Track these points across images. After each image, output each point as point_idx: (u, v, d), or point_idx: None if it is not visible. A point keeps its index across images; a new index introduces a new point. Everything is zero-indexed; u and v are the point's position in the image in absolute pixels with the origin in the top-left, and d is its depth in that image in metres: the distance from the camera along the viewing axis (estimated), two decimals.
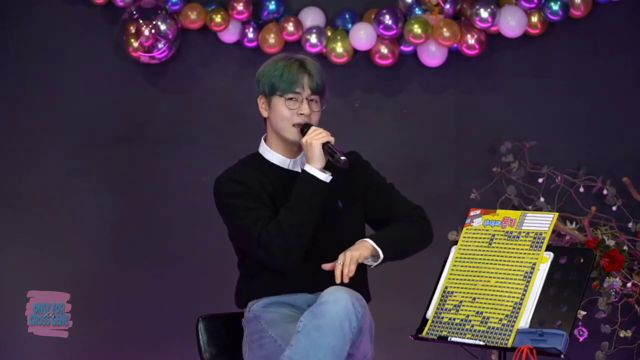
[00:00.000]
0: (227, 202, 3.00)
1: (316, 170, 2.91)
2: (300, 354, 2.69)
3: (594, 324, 4.06)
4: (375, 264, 2.96)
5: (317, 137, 2.91)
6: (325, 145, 2.91)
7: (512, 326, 2.67)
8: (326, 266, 2.88)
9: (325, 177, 2.91)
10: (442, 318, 2.80)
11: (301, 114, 2.98)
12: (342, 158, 2.87)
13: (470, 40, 4.39)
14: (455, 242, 2.93)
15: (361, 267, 3.01)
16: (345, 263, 2.84)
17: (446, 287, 2.85)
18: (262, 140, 3.12)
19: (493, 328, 2.70)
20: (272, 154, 3.07)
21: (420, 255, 3.33)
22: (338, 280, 2.83)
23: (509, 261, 2.80)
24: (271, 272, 2.99)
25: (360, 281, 3.03)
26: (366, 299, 3.02)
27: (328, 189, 2.93)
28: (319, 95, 3.01)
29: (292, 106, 2.99)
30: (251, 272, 3.06)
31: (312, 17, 4.49)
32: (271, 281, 3.00)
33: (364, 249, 2.90)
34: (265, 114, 3.08)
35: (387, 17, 4.37)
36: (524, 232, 2.82)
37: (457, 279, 2.85)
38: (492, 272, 2.80)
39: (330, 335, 2.69)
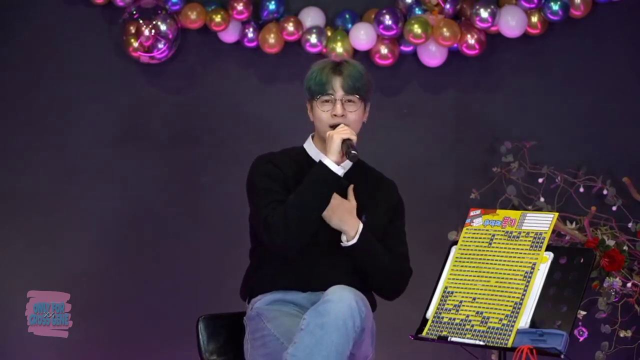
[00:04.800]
0: (256, 180, 3.05)
1: (330, 161, 2.94)
2: (303, 351, 2.70)
3: (594, 324, 4.06)
4: (347, 244, 3.00)
5: (338, 132, 2.96)
6: (345, 141, 2.94)
7: (512, 326, 2.67)
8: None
9: (337, 169, 2.94)
10: (442, 318, 2.80)
11: (334, 115, 3.02)
12: (353, 152, 2.92)
13: (470, 40, 4.39)
14: (455, 242, 2.93)
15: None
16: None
17: (446, 287, 2.85)
18: (310, 137, 3.16)
19: (493, 328, 2.70)
20: (316, 152, 3.11)
21: (420, 255, 3.33)
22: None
23: (509, 261, 2.80)
24: (279, 266, 3.02)
25: (365, 284, 3.05)
26: (373, 306, 3.06)
27: (339, 183, 2.96)
28: (356, 95, 3.03)
29: (326, 108, 3.04)
30: (260, 262, 3.09)
31: (312, 17, 4.49)
32: (278, 275, 3.03)
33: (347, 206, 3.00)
34: (311, 117, 3.13)
35: (387, 17, 4.37)
36: (524, 232, 2.82)
37: (457, 279, 2.85)
38: (492, 272, 2.80)
39: (334, 334, 2.70)
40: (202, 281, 4.51)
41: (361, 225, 3.02)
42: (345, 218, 3.01)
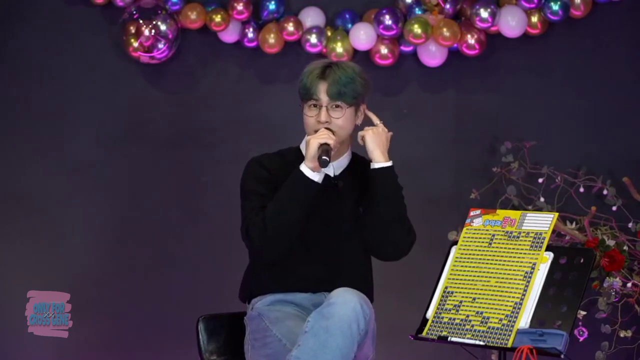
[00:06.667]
0: (245, 182, 3.06)
1: (307, 168, 2.93)
2: (308, 354, 2.69)
3: (594, 324, 4.06)
4: (386, 164, 3.02)
5: (316, 137, 2.94)
6: (322, 146, 2.92)
7: (512, 326, 2.67)
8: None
9: (313, 175, 2.93)
10: (442, 318, 2.80)
11: (318, 121, 3.00)
12: (324, 158, 2.89)
13: (470, 40, 4.39)
14: (455, 242, 2.94)
15: (367, 271, 3.07)
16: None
17: (446, 287, 2.85)
18: (306, 137, 3.13)
19: (493, 328, 2.70)
20: None
21: (420, 255, 3.33)
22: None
23: (509, 261, 2.80)
24: (278, 268, 3.01)
25: (365, 285, 3.04)
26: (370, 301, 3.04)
27: (319, 189, 2.95)
28: (341, 101, 3.00)
29: (312, 113, 3.03)
30: (259, 262, 3.07)
31: (312, 17, 4.49)
32: (276, 277, 3.02)
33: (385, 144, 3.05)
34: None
35: (387, 17, 4.37)
36: (524, 232, 2.82)
37: (457, 279, 2.85)
38: (492, 272, 2.80)
39: (339, 337, 2.69)
40: (202, 281, 4.51)
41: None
42: (384, 144, 3.04)
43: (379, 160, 3.00)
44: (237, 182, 3.11)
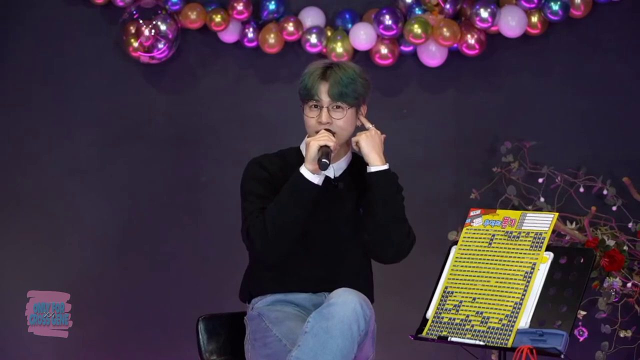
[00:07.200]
0: (245, 183, 3.05)
1: (306, 170, 2.92)
2: (308, 355, 2.69)
3: (594, 324, 4.06)
4: (382, 167, 2.99)
5: (316, 139, 2.93)
6: (322, 148, 2.91)
7: (512, 326, 2.68)
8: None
9: (313, 177, 2.92)
10: (442, 318, 2.80)
11: (319, 122, 2.99)
12: (323, 160, 2.88)
13: (470, 40, 4.40)
14: (455, 242, 2.94)
15: (367, 271, 3.08)
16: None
17: (446, 287, 2.85)
18: (306, 138, 3.11)
19: (493, 328, 2.70)
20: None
21: (420, 255, 3.33)
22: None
23: (509, 261, 2.80)
24: (278, 269, 3.01)
25: (365, 285, 3.04)
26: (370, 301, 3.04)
27: (318, 192, 2.94)
28: (343, 101, 2.99)
29: (313, 114, 3.01)
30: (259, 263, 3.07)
31: (312, 17, 4.49)
32: (277, 277, 3.02)
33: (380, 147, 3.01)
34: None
35: (387, 17, 4.37)
36: (524, 232, 2.82)
37: (457, 279, 2.85)
38: (492, 272, 2.80)
39: (339, 338, 2.69)
40: (202, 281, 4.51)
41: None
42: (379, 147, 3.01)
43: (376, 164, 3.00)
44: (236, 182, 3.11)
